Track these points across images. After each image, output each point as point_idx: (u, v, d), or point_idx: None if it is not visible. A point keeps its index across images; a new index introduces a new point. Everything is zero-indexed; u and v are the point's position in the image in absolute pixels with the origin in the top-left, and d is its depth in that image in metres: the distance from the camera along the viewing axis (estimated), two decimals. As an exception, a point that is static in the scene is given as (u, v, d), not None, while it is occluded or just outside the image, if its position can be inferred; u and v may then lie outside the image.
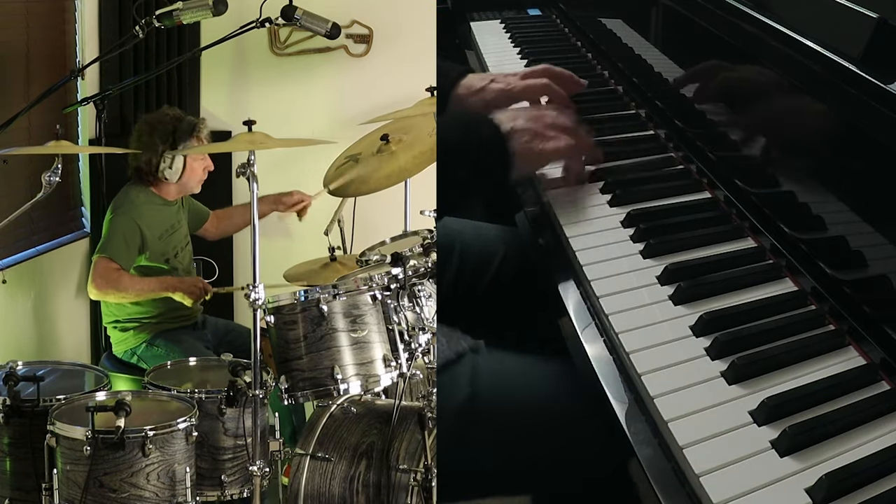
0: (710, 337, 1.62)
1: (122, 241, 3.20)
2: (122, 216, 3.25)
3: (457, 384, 1.83)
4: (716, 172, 2.02)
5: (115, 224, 3.24)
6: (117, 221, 3.24)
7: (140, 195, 3.32)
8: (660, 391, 1.52)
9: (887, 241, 1.50)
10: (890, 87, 1.45)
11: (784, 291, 1.73)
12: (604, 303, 1.73)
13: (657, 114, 2.29)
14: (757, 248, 1.85)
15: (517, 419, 1.83)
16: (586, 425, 1.75)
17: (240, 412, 2.76)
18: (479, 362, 1.89)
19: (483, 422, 1.81)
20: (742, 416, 1.47)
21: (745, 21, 1.84)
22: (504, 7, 3.16)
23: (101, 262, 3.20)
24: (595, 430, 1.68)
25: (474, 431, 1.81)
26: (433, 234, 2.98)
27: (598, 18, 2.71)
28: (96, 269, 3.20)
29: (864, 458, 1.38)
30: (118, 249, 3.20)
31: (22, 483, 2.65)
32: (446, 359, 1.88)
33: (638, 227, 1.91)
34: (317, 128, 3.95)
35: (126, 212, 3.26)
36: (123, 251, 3.20)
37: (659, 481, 1.43)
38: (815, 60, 1.62)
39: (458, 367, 1.87)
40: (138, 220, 3.25)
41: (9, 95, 3.36)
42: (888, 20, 1.53)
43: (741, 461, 1.40)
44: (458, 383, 1.83)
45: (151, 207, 3.32)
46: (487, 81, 2.28)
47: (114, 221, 3.25)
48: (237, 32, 3.37)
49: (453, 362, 1.87)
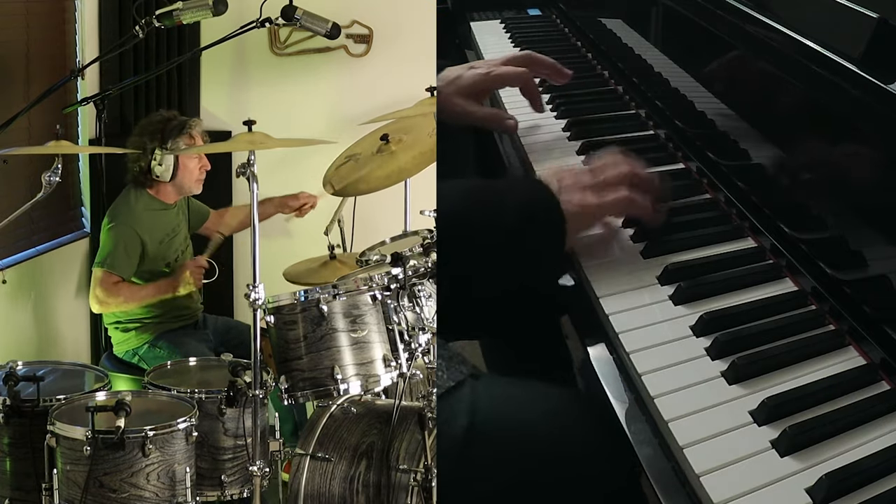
0: (711, 337, 1.62)
1: (122, 253, 3.20)
2: (121, 226, 3.24)
3: (456, 410, 1.78)
4: (716, 172, 2.02)
5: (115, 235, 3.22)
6: (117, 232, 3.23)
7: (139, 201, 3.31)
8: (660, 391, 1.52)
9: (887, 241, 1.50)
10: (890, 87, 1.45)
11: (784, 291, 1.73)
12: (604, 303, 1.73)
13: (657, 114, 2.29)
14: (757, 248, 1.85)
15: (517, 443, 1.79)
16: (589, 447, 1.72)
17: (240, 412, 2.76)
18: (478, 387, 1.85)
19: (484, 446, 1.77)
20: (742, 416, 1.47)
21: (745, 21, 1.84)
22: (504, 7, 3.17)
23: (103, 276, 3.19)
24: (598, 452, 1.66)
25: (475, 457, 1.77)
26: (433, 234, 2.98)
27: (598, 18, 2.71)
28: (99, 283, 3.20)
29: (864, 458, 1.38)
30: (120, 262, 3.19)
31: (22, 483, 2.65)
32: (447, 385, 1.82)
33: (638, 227, 1.90)
34: (317, 128, 3.95)
35: (125, 221, 3.25)
36: (125, 262, 3.20)
37: (659, 481, 1.43)
38: (815, 60, 1.62)
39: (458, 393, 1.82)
40: (138, 228, 3.24)
41: (9, 95, 3.35)
42: (888, 20, 1.53)
43: (741, 461, 1.40)
44: (458, 409, 1.78)
45: (150, 213, 3.32)
46: (465, 69, 2.23)
47: (113, 232, 3.23)
48: (237, 32, 3.37)
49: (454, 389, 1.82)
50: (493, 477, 1.73)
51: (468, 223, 1.74)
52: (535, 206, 1.77)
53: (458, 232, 1.73)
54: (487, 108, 2.25)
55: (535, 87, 2.33)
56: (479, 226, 1.74)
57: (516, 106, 2.39)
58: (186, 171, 3.33)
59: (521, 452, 1.76)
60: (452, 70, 2.24)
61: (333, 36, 3.50)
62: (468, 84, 2.20)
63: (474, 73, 2.22)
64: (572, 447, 1.73)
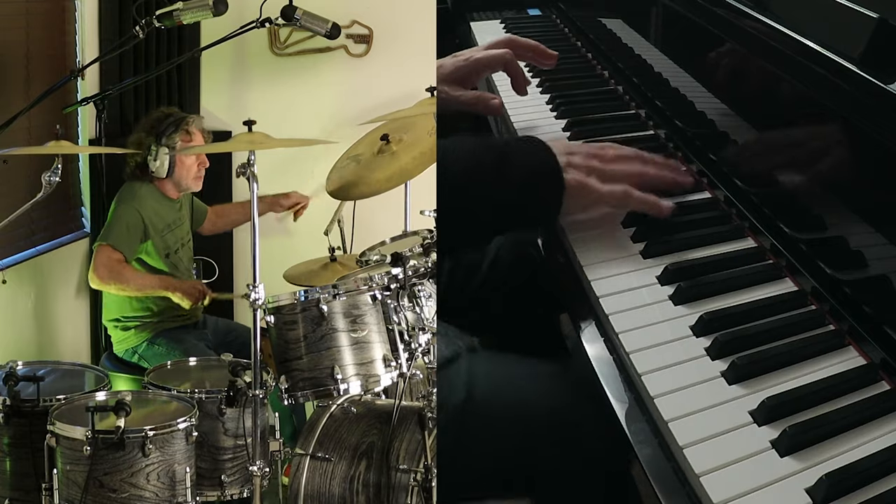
0: (710, 337, 1.62)
1: (124, 229, 3.21)
2: (125, 205, 3.27)
3: (453, 384, 1.82)
4: (716, 172, 2.02)
5: (119, 213, 3.25)
6: (121, 210, 3.26)
7: (144, 188, 3.33)
8: (660, 391, 1.52)
9: (887, 241, 1.50)
10: (890, 87, 1.45)
11: (784, 291, 1.73)
12: (604, 303, 1.73)
13: (657, 114, 2.29)
14: (757, 248, 1.85)
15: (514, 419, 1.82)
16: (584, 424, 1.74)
17: (240, 412, 2.76)
18: (474, 362, 1.88)
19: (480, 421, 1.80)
20: (742, 416, 1.47)
21: (745, 21, 1.84)
22: (504, 7, 3.17)
23: (104, 250, 3.20)
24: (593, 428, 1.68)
25: (472, 431, 1.80)
26: (433, 234, 2.98)
27: (598, 18, 2.71)
28: (99, 257, 3.20)
29: (864, 458, 1.38)
30: (121, 237, 3.20)
31: (22, 483, 2.65)
32: (443, 357, 1.87)
33: (638, 227, 1.91)
34: (317, 128, 3.95)
35: (129, 201, 3.28)
36: (126, 239, 3.21)
37: (659, 481, 1.43)
38: (815, 60, 1.62)
39: (454, 366, 1.86)
40: (141, 210, 3.26)
41: (9, 95, 3.35)
42: (888, 20, 1.53)
43: (741, 461, 1.40)
44: (455, 383, 1.82)
45: (155, 201, 3.34)
46: (450, 58, 2.27)
47: (117, 211, 3.26)
48: (237, 32, 3.37)
49: (449, 361, 1.86)
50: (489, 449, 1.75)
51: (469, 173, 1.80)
52: (538, 165, 1.83)
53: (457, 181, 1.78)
54: (472, 92, 2.27)
55: (518, 67, 2.32)
56: (479, 178, 1.80)
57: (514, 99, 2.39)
58: (184, 167, 3.34)
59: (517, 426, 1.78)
60: (440, 61, 2.27)
61: (333, 36, 3.50)
62: (450, 70, 2.24)
63: (456, 59, 2.26)
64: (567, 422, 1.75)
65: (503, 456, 1.80)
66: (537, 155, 1.85)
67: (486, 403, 1.81)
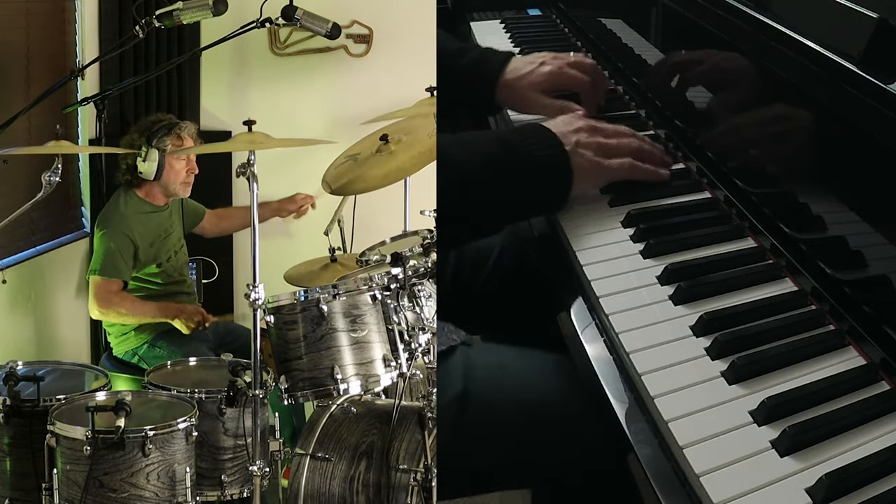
0: (710, 337, 1.62)
1: (118, 258, 3.20)
2: (111, 231, 3.24)
3: (451, 377, 1.82)
4: (716, 172, 2.02)
5: (107, 241, 3.22)
6: (109, 239, 3.23)
7: (128, 204, 3.31)
8: (660, 391, 1.52)
9: (887, 241, 1.50)
10: (890, 87, 1.45)
11: (784, 291, 1.73)
12: (604, 303, 1.73)
13: (657, 114, 2.29)
14: (757, 248, 1.85)
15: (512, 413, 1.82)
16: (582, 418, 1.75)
17: (240, 412, 2.76)
18: (471, 356, 1.89)
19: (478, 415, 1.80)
20: (742, 416, 1.47)
21: (745, 21, 1.84)
22: (504, 7, 3.16)
23: (101, 283, 3.19)
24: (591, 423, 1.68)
25: (470, 425, 1.80)
26: (433, 234, 2.98)
27: (598, 18, 2.71)
28: (97, 291, 3.19)
29: (864, 458, 1.38)
30: (116, 266, 3.20)
31: (22, 483, 2.65)
32: (440, 351, 1.87)
33: (638, 227, 1.91)
34: (317, 128, 3.95)
35: (115, 226, 3.25)
36: (122, 267, 3.21)
37: (659, 481, 1.43)
38: (815, 60, 1.62)
39: (451, 359, 1.86)
40: (128, 232, 3.24)
41: (9, 95, 3.36)
42: (888, 20, 1.53)
43: (741, 461, 1.40)
44: (452, 376, 1.82)
45: (140, 216, 3.32)
46: (528, 63, 2.28)
47: (105, 239, 3.23)
48: (237, 32, 3.37)
49: (446, 355, 1.86)
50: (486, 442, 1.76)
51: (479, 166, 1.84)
52: (546, 153, 1.88)
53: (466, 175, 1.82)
54: (559, 101, 2.29)
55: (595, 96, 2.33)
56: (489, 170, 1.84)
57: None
58: (172, 171, 3.32)
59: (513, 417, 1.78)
60: (522, 64, 2.29)
61: (333, 36, 3.50)
62: (543, 79, 2.27)
63: (544, 69, 2.28)
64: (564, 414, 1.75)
65: (500, 448, 1.80)
66: (544, 142, 1.90)
67: (483, 395, 1.82)
